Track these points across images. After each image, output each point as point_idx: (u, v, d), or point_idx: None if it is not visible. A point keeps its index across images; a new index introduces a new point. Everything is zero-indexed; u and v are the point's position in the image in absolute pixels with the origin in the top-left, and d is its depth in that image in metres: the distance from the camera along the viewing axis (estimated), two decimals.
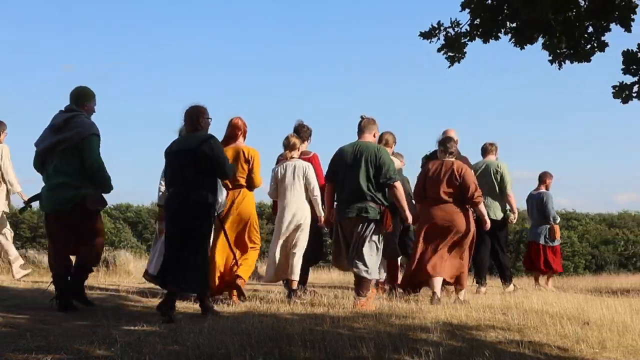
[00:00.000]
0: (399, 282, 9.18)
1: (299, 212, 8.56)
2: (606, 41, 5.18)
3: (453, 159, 8.84)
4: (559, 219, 12.64)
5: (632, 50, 5.06)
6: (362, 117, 8.20)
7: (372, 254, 7.76)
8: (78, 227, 7.09)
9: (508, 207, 10.95)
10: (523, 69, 51.98)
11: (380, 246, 7.88)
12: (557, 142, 48.36)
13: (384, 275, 8.69)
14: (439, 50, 5.69)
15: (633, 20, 4.86)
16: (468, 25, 5.52)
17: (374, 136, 8.23)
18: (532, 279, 13.32)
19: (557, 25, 4.94)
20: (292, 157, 8.72)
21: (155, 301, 7.38)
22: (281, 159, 8.99)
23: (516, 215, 11.13)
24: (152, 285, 8.72)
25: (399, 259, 9.96)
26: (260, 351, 5.21)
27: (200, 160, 6.76)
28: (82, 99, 7.31)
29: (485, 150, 11.10)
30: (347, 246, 7.94)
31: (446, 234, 8.60)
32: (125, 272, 11.36)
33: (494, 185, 10.71)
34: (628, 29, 4.93)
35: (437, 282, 8.43)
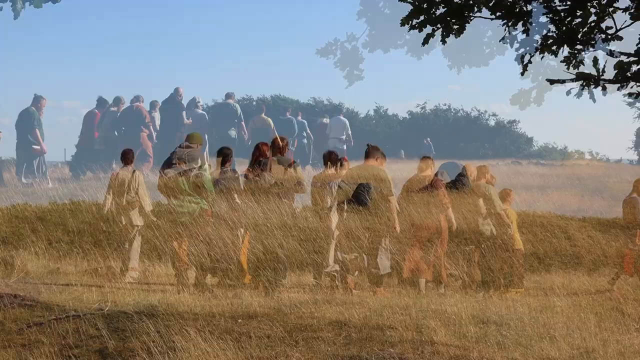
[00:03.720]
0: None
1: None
2: (507, 46, 5.47)
3: (426, 174, 10.34)
4: None
5: None
6: (368, 145, 10.17)
7: (382, 255, 9.60)
8: (198, 231, 9.26)
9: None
10: None
11: (388, 247, 9.66)
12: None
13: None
14: (336, 65, 5.75)
15: (531, 24, 5.15)
16: (367, 36, 5.64)
17: (376, 159, 10.03)
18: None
19: (457, 31, 5.14)
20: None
21: None
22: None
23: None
24: None
25: None
26: None
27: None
28: (196, 140, 10.08)
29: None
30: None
31: (424, 237, 10.04)
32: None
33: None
34: (526, 32, 5.23)
35: (422, 282, 9.95)
